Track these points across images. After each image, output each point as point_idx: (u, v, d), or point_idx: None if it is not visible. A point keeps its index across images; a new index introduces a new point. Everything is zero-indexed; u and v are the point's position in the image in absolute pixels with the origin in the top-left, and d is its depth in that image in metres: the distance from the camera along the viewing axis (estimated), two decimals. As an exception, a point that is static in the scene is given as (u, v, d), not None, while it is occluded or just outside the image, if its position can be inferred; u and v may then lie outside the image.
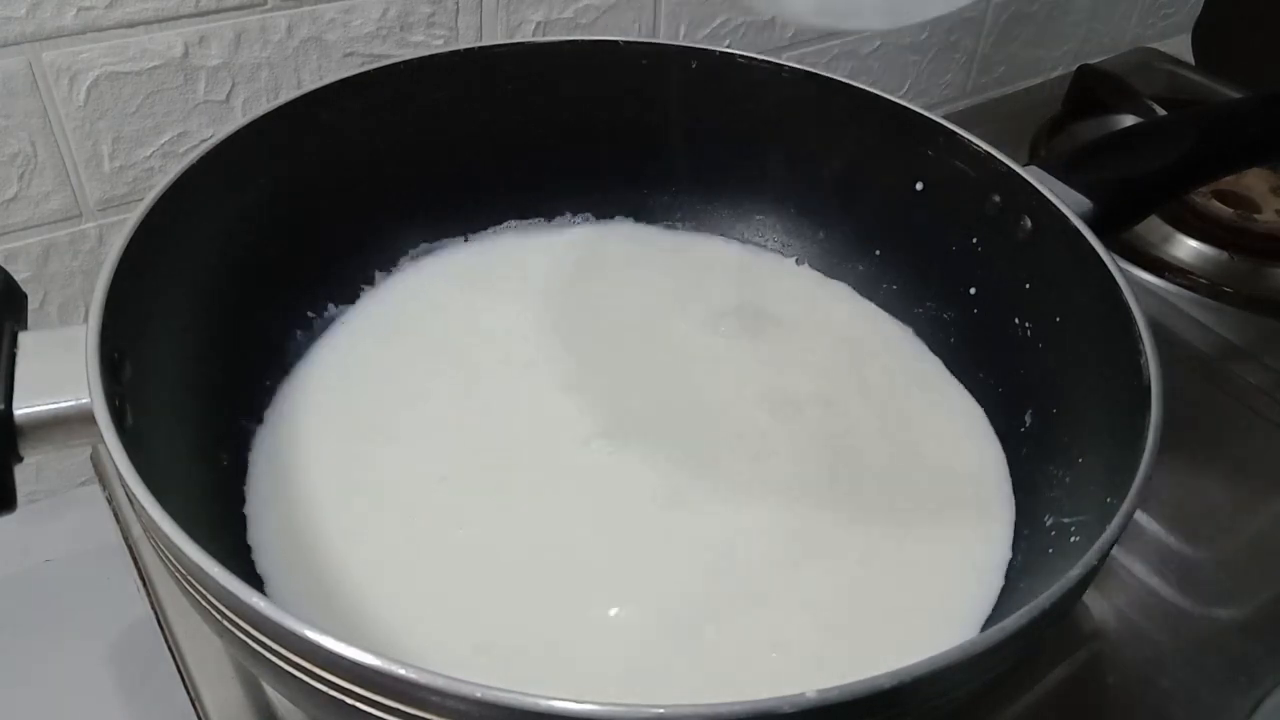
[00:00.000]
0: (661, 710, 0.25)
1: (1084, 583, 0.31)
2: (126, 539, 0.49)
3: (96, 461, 0.53)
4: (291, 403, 0.47)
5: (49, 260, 0.56)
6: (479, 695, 0.25)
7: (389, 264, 0.54)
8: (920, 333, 0.54)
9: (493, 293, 0.53)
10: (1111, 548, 0.32)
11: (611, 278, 0.55)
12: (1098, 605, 0.49)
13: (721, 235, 0.59)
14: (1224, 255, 0.72)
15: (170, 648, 0.45)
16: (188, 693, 0.43)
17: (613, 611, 0.39)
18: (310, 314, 0.51)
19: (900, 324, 0.55)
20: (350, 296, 0.53)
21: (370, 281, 0.54)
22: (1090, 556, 0.30)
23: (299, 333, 0.50)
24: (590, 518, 0.43)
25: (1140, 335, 0.39)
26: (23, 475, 0.34)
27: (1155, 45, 1.01)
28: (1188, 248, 0.73)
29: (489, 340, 0.51)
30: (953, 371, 0.52)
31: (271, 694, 0.43)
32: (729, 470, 0.45)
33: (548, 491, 0.44)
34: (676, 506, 0.43)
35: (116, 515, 0.50)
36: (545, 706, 0.25)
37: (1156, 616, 0.49)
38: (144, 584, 0.48)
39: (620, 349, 0.51)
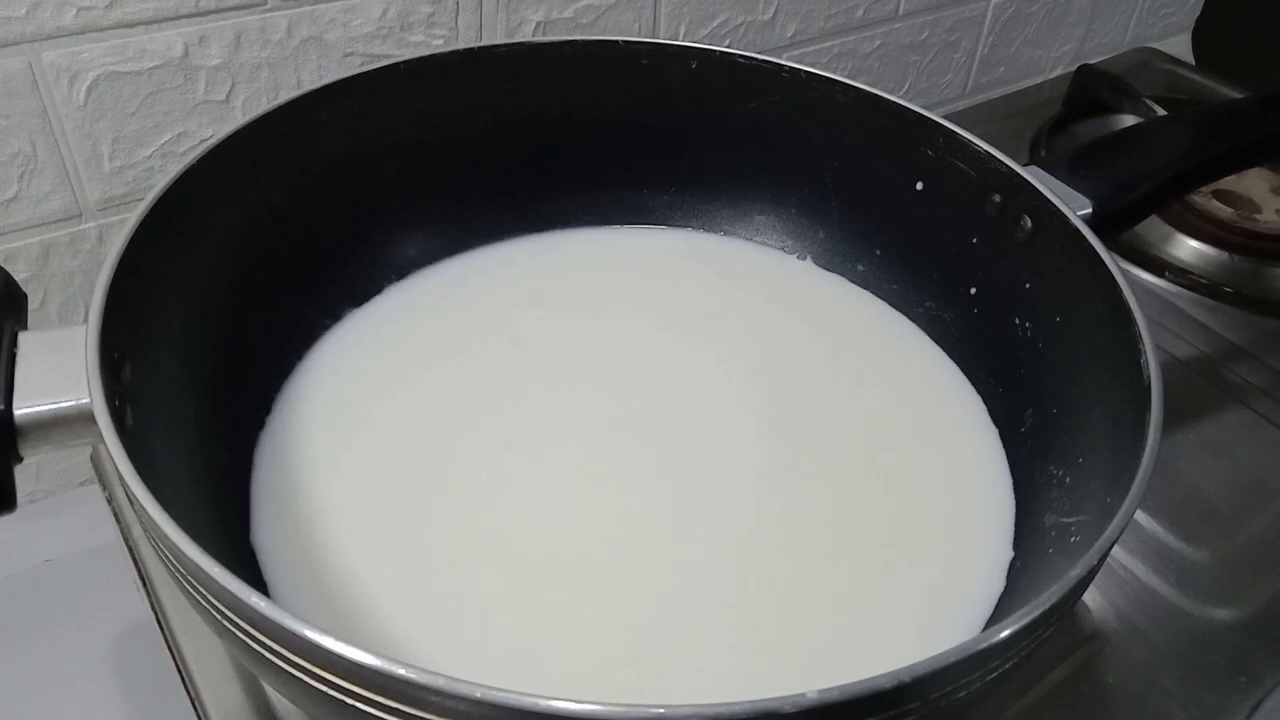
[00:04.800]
0: (661, 710, 0.25)
1: (1084, 582, 0.31)
2: (126, 539, 0.49)
3: (96, 462, 0.53)
4: (294, 403, 0.47)
5: (49, 260, 0.56)
6: (479, 695, 0.25)
7: (388, 263, 0.54)
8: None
9: (494, 293, 0.53)
10: (1111, 547, 0.32)
11: (611, 276, 0.55)
12: (1098, 605, 0.49)
13: (722, 234, 0.59)
14: (1225, 255, 0.72)
15: (170, 647, 0.45)
16: (187, 692, 0.43)
17: (619, 610, 0.39)
18: (311, 314, 0.51)
19: (905, 319, 0.55)
20: (351, 296, 0.53)
21: (370, 281, 0.54)
22: (1090, 556, 0.30)
23: (300, 333, 0.50)
24: (597, 514, 0.43)
25: (1140, 335, 0.38)
26: (23, 475, 0.34)
27: (1155, 45, 1.01)
28: (1188, 248, 0.73)
29: (492, 341, 0.51)
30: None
31: (271, 694, 0.43)
32: (727, 465, 0.45)
33: (556, 490, 0.44)
34: (676, 506, 0.43)
35: (116, 515, 0.50)
36: (545, 706, 0.25)
37: (1156, 616, 0.49)
38: (144, 584, 0.48)
39: (625, 349, 0.51)
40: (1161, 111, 0.81)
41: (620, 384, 0.49)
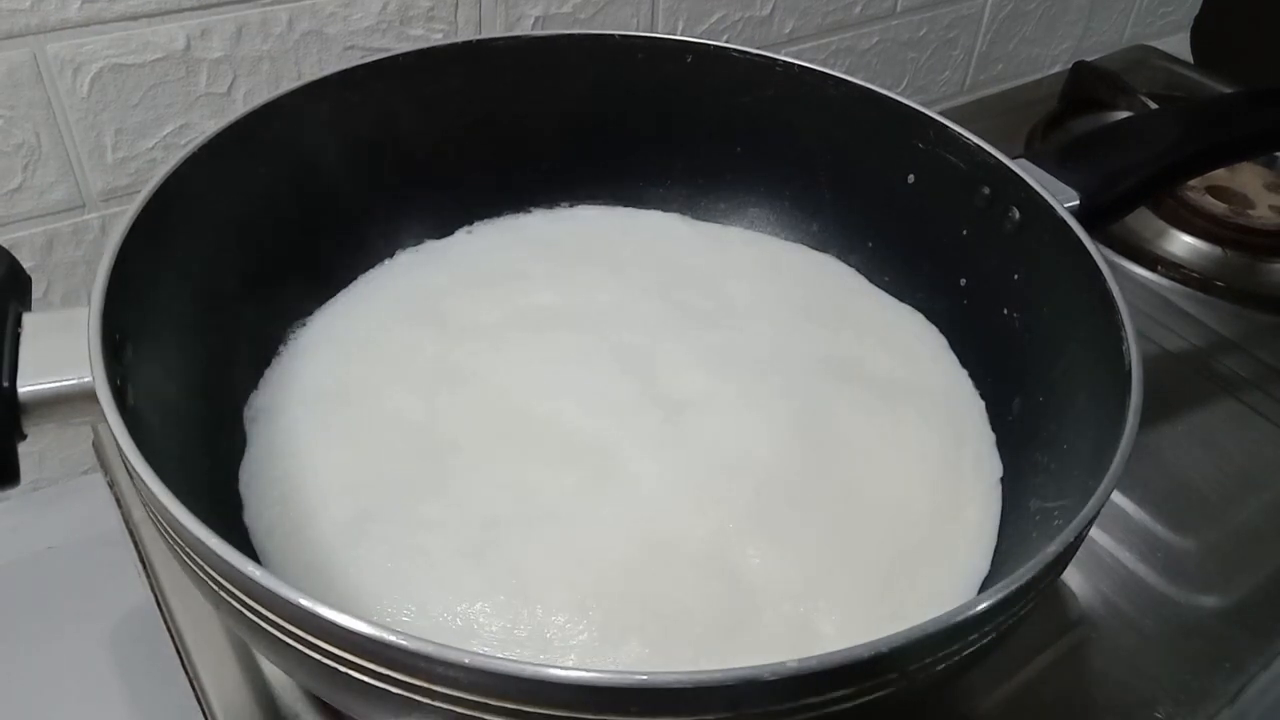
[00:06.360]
0: (644, 676, 0.25)
1: (1061, 560, 0.31)
2: (128, 523, 0.50)
3: (99, 448, 0.54)
4: (289, 385, 0.47)
5: (53, 250, 0.57)
6: (467, 661, 0.25)
7: (385, 253, 0.55)
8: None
9: (487, 280, 0.54)
10: (1089, 527, 0.32)
11: (606, 266, 0.55)
12: (1085, 592, 0.50)
13: (718, 224, 0.60)
14: (1217, 250, 0.72)
15: (170, 631, 0.46)
16: (187, 674, 0.44)
17: (616, 576, 0.40)
18: (308, 298, 0.51)
19: (905, 306, 0.55)
20: (346, 281, 0.53)
21: (365, 269, 0.54)
22: (1067, 534, 0.31)
23: (295, 314, 0.51)
24: (590, 490, 0.43)
25: (1122, 321, 0.39)
26: (26, 464, 0.35)
27: (1153, 43, 1.02)
28: (1181, 243, 0.73)
29: (483, 324, 0.51)
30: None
31: (269, 675, 0.43)
32: (717, 453, 0.45)
33: (546, 465, 0.44)
34: (668, 488, 0.43)
35: (118, 500, 0.51)
36: (530, 672, 0.25)
37: (1143, 603, 0.49)
38: (145, 569, 0.48)
39: (617, 335, 0.51)
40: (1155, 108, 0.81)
41: (619, 365, 0.49)
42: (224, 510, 0.41)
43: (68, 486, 0.65)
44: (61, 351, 0.34)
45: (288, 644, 0.28)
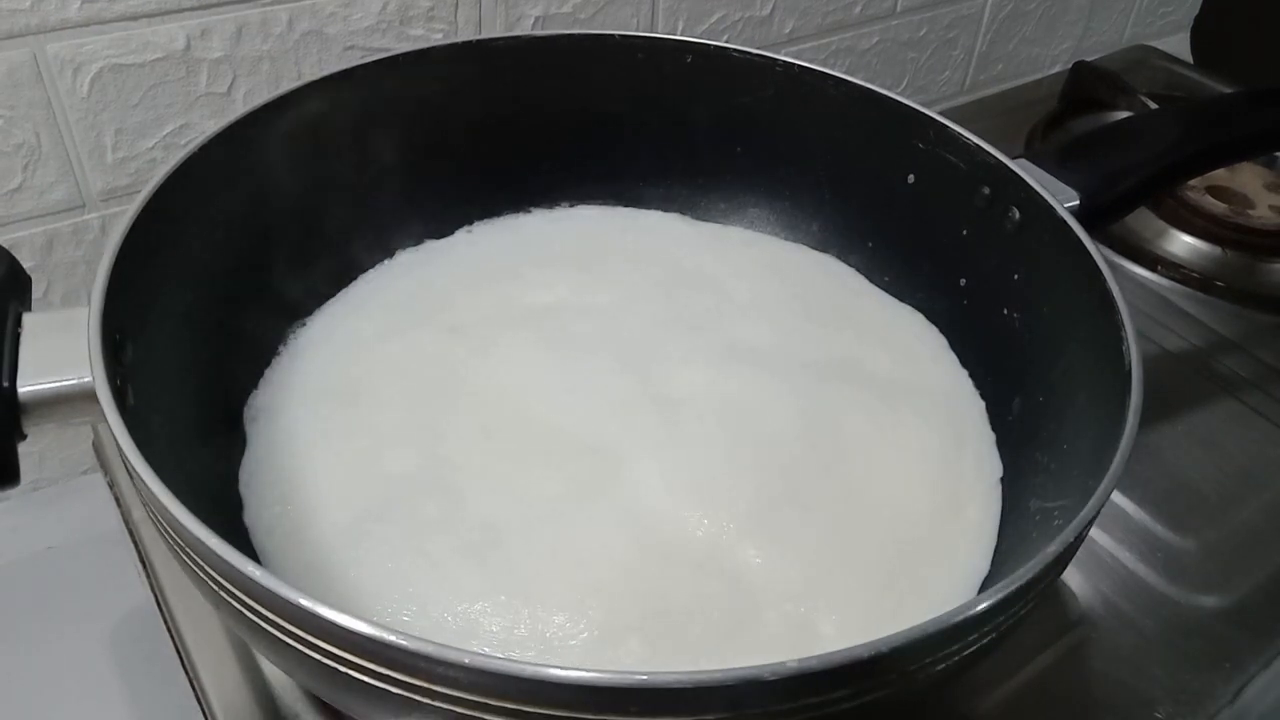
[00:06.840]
0: (644, 676, 0.26)
1: (1061, 560, 0.31)
2: (128, 523, 0.50)
3: (99, 448, 0.54)
4: (289, 385, 0.47)
5: (53, 250, 0.57)
6: (467, 661, 0.25)
7: (385, 253, 0.55)
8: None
9: (487, 280, 0.54)
10: (1089, 527, 0.32)
11: (606, 266, 0.55)
12: (1085, 592, 0.50)
13: (718, 224, 0.60)
14: (1217, 250, 0.72)
15: (170, 631, 0.46)
16: (187, 674, 0.44)
17: (620, 577, 0.40)
18: (308, 298, 0.51)
19: (905, 306, 0.55)
20: (346, 281, 0.53)
21: (365, 269, 0.54)
22: (1067, 534, 0.31)
23: (294, 313, 0.51)
24: (589, 490, 0.43)
25: (1122, 322, 0.39)
26: (26, 464, 0.35)
27: (1153, 43, 1.02)
28: (1181, 242, 0.73)
29: (483, 324, 0.51)
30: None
31: (269, 675, 0.43)
32: (717, 453, 0.45)
33: (546, 465, 0.44)
34: (668, 488, 0.43)
35: (118, 500, 0.51)
36: (530, 672, 0.25)
37: (1143, 603, 0.49)
38: (145, 569, 0.48)
39: (617, 335, 0.51)
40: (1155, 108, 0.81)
41: (617, 366, 0.49)
42: (224, 510, 0.41)
43: (68, 486, 0.65)
44: (61, 351, 0.34)
45: (288, 644, 0.28)
